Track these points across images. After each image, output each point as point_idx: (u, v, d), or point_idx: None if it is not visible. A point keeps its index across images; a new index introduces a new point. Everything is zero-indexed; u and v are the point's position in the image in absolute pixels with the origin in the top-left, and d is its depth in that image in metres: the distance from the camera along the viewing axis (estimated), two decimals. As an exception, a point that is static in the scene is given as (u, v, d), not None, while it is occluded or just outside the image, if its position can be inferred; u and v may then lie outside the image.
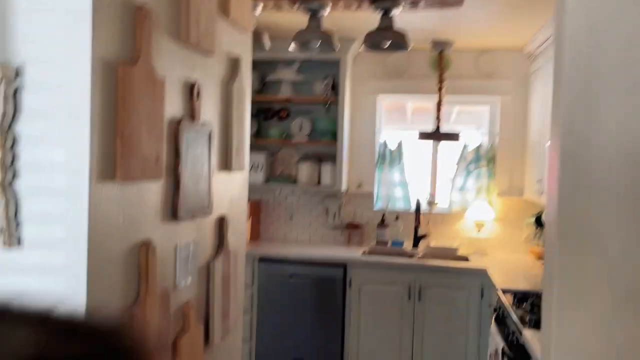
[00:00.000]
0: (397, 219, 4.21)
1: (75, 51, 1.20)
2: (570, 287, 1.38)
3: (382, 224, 4.17)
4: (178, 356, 1.59)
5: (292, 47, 3.08)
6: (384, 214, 4.20)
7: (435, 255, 3.97)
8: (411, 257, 3.95)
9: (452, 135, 4.01)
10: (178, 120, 1.57)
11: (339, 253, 3.93)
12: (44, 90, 1.22)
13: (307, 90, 4.20)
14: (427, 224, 4.21)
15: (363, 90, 4.31)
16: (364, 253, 3.98)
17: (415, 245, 4.13)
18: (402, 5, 2.80)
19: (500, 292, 2.92)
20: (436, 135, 4.04)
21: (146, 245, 1.41)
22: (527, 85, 4.03)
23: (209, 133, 1.77)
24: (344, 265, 3.76)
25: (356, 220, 4.32)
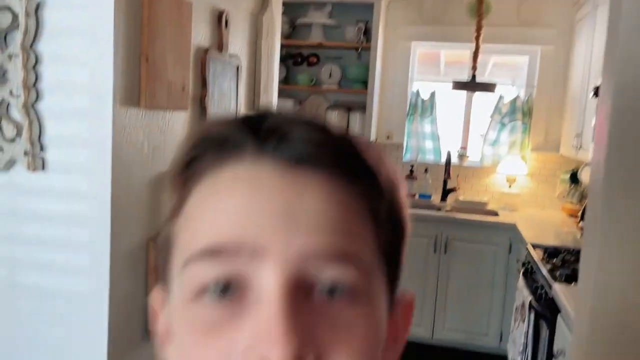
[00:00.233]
0: (426, 171, 4.13)
1: (98, -35, 1.13)
2: (616, 234, 1.30)
3: (411, 175, 4.09)
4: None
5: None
6: (412, 165, 4.12)
7: (464, 209, 3.89)
8: (439, 210, 3.88)
9: (488, 86, 3.84)
10: (205, 49, 1.50)
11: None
12: (66, 7, 1.16)
13: (338, 36, 4.06)
14: (457, 177, 4.11)
15: (396, 37, 4.14)
16: (391, 204, 3.92)
17: (444, 199, 4.05)
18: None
19: (530, 246, 2.85)
20: (471, 85, 3.87)
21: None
22: (571, 35, 3.81)
23: (237, 67, 1.70)
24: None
25: (384, 171, 4.24)
